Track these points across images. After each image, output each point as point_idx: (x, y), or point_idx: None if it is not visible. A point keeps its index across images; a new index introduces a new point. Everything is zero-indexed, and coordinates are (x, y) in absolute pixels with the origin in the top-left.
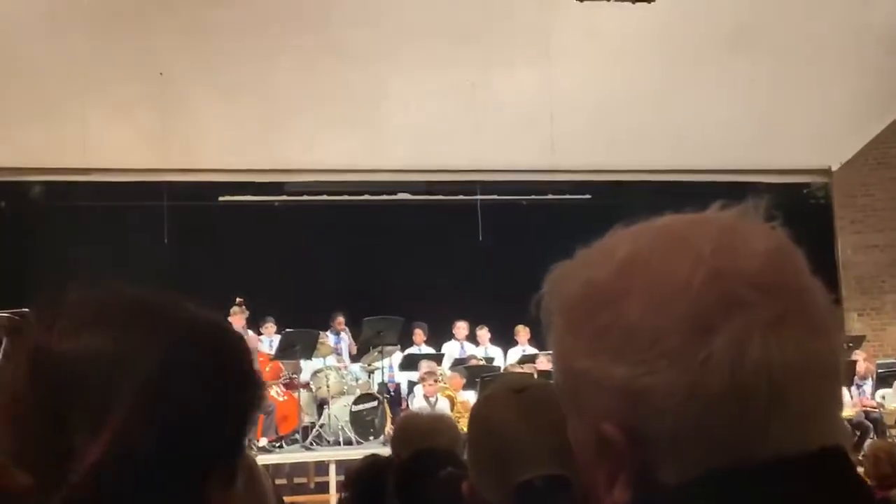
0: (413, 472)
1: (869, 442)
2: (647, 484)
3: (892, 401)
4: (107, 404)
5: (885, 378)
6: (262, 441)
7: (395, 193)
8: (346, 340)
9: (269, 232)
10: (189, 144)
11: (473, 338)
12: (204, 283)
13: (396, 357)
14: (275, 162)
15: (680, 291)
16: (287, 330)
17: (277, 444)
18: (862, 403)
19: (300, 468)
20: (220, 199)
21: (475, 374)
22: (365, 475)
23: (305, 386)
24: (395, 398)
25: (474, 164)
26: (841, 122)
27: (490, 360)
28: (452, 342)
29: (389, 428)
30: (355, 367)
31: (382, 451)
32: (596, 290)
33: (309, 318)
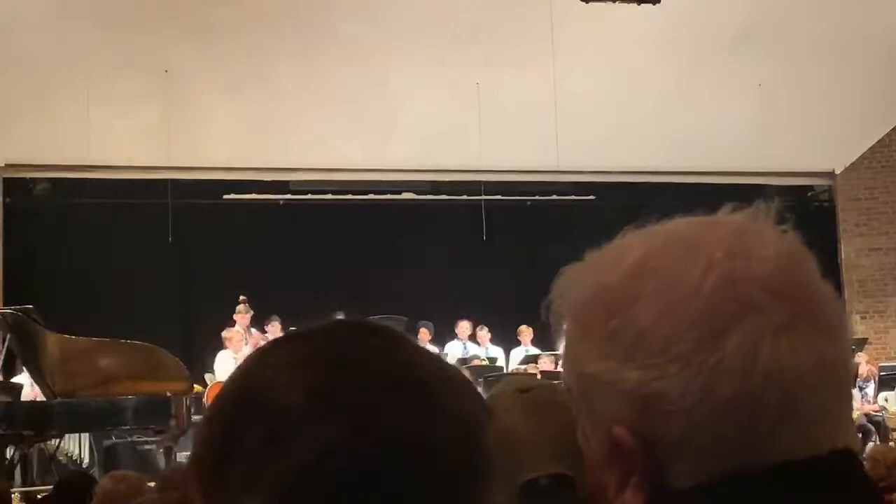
0: None
1: (870, 446)
2: (658, 487)
3: (895, 404)
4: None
5: (888, 381)
6: None
7: (400, 193)
8: None
9: (273, 230)
10: (194, 142)
11: (476, 337)
12: (208, 282)
13: None
14: (280, 160)
15: (691, 296)
16: (291, 328)
17: None
18: (864, 407)
19: None
20: (225, 197)
21: (478, 374)
22: None
23: None
24: None
25: (479, 165)
26: (845, 125)
27: (493, 360)
28: (455, 342)
29: None
30: None
31: None
32: (607, 293)
33: (313, 317)
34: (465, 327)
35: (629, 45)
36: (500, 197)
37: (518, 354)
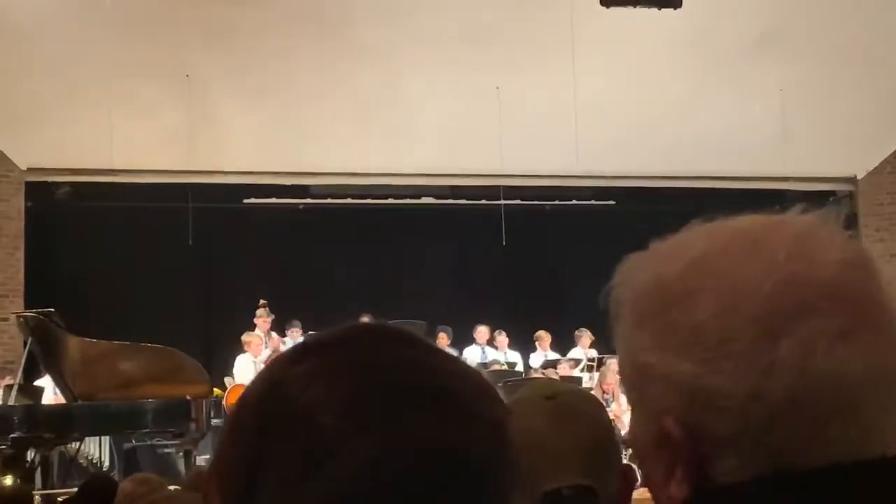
0: None
1: None
2: (703, 481)
3: None
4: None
5: None
6: None
7: (420, 197)
8: None
9: (293, 234)
10: (214, 146)
11: (494, 342)
12: (228, 285)
13: None
14: (300, 165)
15: (751, 294)
16: (310, 333)
17: None
18: None
19: None
20: (245, 201)
21: (497, 379)
22: None
23: None
24: None
25: (498, 169)
26: (867, 130)
27: (512, 364)
28: (473, 346)
29: None
30: None
31: None
32: (667, 285)
33: (333, 321)
34: (483, 332)
35: (650, 49)
36: (519, 201)
37: (537, 359)
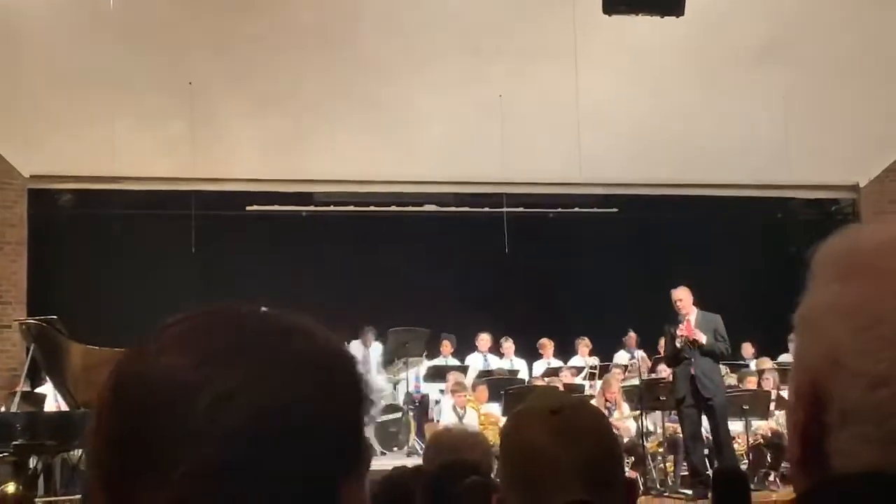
0: (442, 481)
1: None
2: (816, 453)
3: None
4: (173, 442)
5: None
6: None
7: (423, 205)
8: (375, 353)
9: (296, 242)
10: (217, 154)
11: (496, 350)
12: (231, 292)
13: (421, 368)
14: (302, 172)
15: None
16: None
17: None
18: None
19: None
20: (248, 208)
21: (499, 387)
22: (391, 486)
23: None
24: (420, 409)
25: (501, 177)
26: (870, 138)
27: (514, 372)
28: (475, 354)
29: (414, 439)
30: (379, 379)
31: (407, 462)
32: (856, 255)
33: (335, 329)
34: (485, 340)
35: (652, 57)
36: (522, 209)
37: (540, 367)
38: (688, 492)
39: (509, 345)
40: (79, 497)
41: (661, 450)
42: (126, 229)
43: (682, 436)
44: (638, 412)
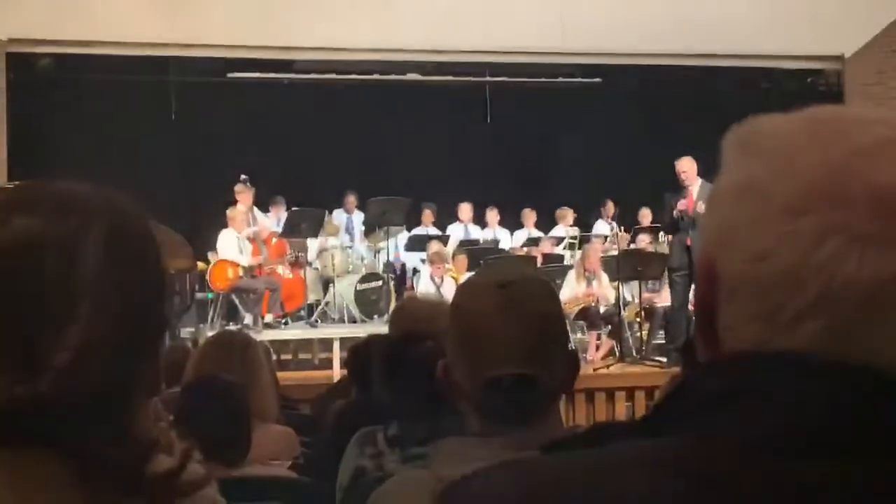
0: (398, 348)
1: None
2: (711, 330)
3: None
4: (64, 294)
5: None
6: (268, 317)
7: (405, 73)
8: (358, 219)
9: (277, 109)
10: (197, 18)
11: (478, 220)
12: (212, 161)
13: (402, 237)
14: (284, 39)
15: (808, 167)
16: (293, 208)
17: (283, 321)
18: None
19: (305, 345)
20: (229, 75)
21: (479, 257)
22: (356, 352)
23: (311, 265)
24: (399, 278)
25: (484, 46)
26: (855, 8)
27: (496, 242)
28: (456, 224)
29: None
30: (361, 247)
31: (386, 329)
32: (756, 137)
33: (317, 197)
34: (466, 209)
35: None
36: (505, 79)
37: (521, 237)
38: (662, 359)
39: (494, 214)
40: None
41: (638, 319)
42: (105, 95)
43: (665, 306)
44: (616, 282)
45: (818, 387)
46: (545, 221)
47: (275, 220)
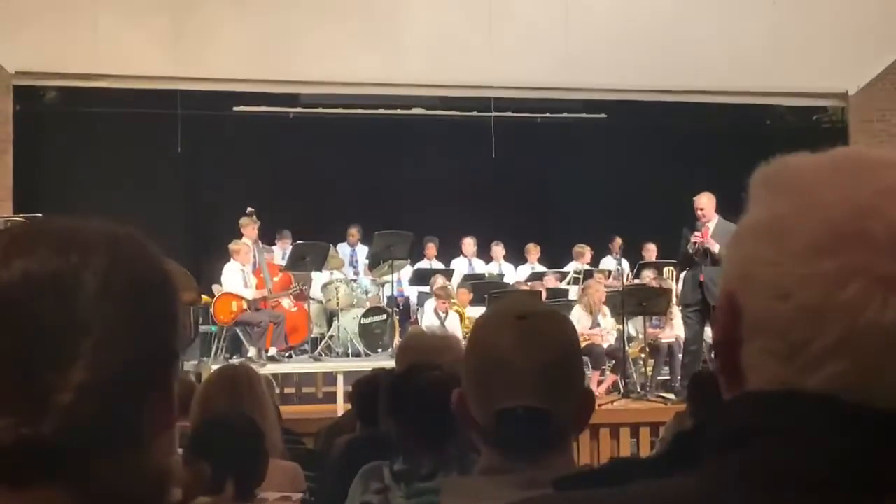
0: (405, 380)
1: None
2: (733, 367)
3: None
4: (66, 332)
5: None
6: (272, 351)
7: (410, 108)
8: (362, 252)
9: (283, 143)
10: (203, 52)
11: (481, 254)
12: (217, 193)
13: (406, 271)
14: (290, 73)
15: (831, 206)
16: (298, 242)
17: (287, 355)
18: None
19: (309, 378)
20: (235, 108)
21: (483, 291)
22: (361, 386)
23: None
24: (404, 312)
25: (489, 80)
26: (860, 46)
27: (501, 276)
28: (461, 258)
29: (398, 341)
30: (365, 281)
31: (390, 363)
32: (781, 176)
33: (322, 230)
34: (469, 244)
35: None
36: (509, 113)
37: (524, 272)
38: (670, 396)
39: (499, 249)
40: None
41: (642, 355)
42: (112, 128)
43: (670, 341)
44: (620, 317)
45: (840, 429)
46: (548, 256)
47: (280, 254)
